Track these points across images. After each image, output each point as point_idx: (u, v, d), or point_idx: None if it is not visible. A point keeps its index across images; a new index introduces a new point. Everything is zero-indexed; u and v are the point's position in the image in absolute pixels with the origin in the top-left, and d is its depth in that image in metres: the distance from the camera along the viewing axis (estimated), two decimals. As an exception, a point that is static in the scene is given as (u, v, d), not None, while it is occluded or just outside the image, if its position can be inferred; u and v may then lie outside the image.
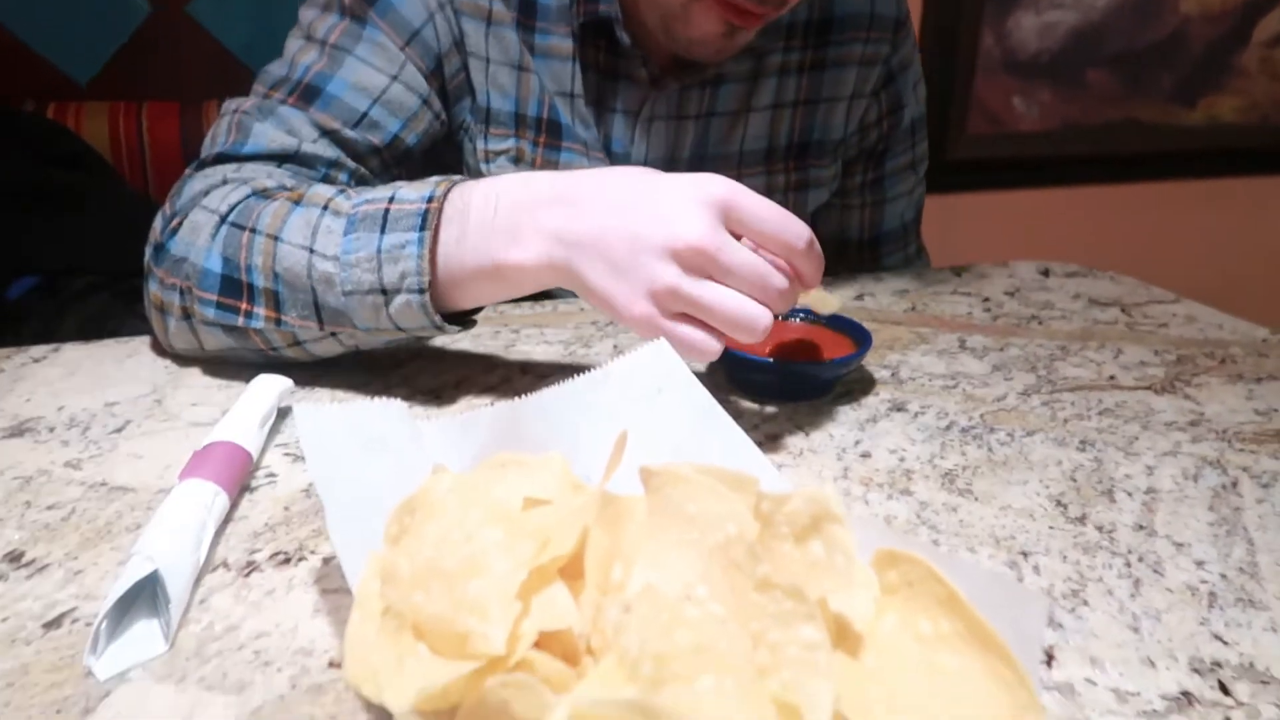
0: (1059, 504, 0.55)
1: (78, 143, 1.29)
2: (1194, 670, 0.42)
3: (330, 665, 0.40)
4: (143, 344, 0.74)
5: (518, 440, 0.47)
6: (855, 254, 1.02)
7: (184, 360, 0.71)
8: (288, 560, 0.48)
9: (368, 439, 0.43)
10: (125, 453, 0.58)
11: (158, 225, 0.69)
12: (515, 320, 0.81)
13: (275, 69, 0.76)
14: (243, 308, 0.64)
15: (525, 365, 0.72)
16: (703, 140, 0.88)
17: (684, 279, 0.54)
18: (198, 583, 0.45)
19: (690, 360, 0.52)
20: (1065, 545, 0.51)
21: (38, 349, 0.73)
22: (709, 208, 0.54)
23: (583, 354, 0.75)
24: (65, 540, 0.49)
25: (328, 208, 0.63)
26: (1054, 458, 0.61)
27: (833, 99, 0.91)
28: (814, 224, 1.01)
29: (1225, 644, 0.44)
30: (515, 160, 0.84)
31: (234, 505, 0.52)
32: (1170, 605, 0.46)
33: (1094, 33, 1.96)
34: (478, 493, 0.37)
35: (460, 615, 0.32)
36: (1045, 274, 1.00)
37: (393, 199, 0.61)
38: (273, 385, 0.62)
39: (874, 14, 0.91)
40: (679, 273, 0.54)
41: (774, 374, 0.66)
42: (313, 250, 0.61)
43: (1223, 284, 2.01)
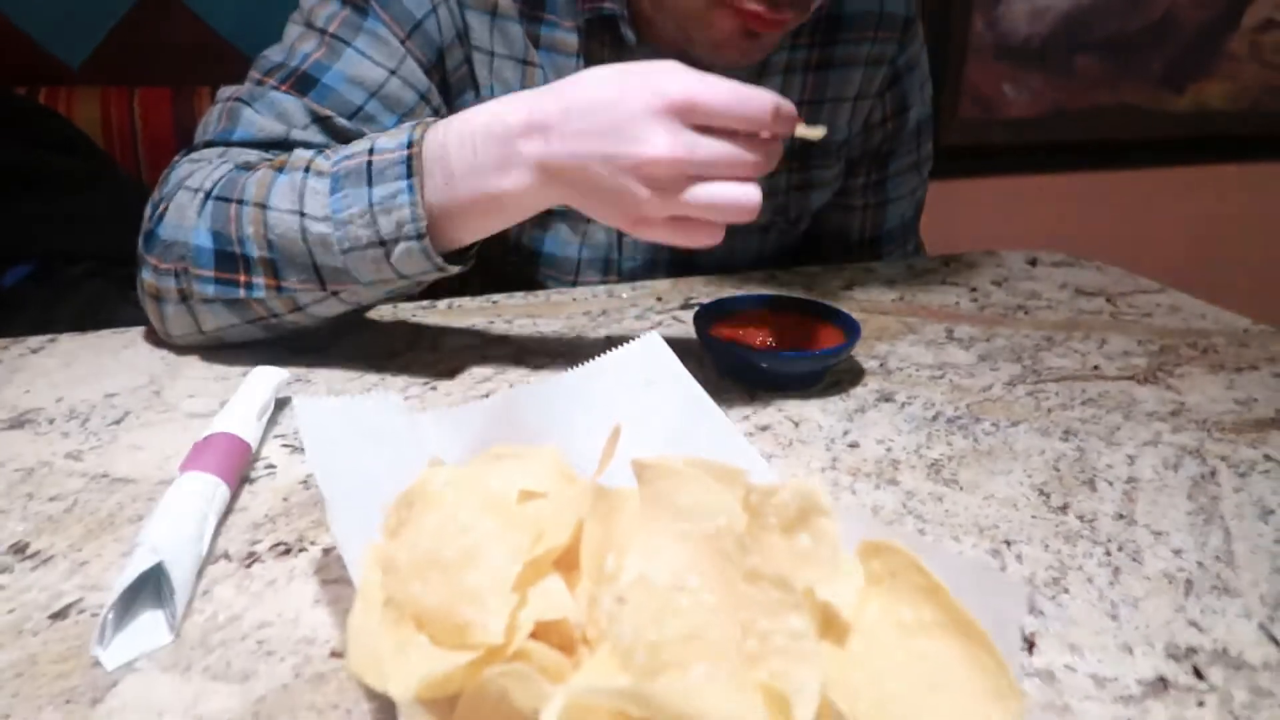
0: (1042, 493, 0.57)
1: (69, 128, 1.29)
2: (1170, 656, 0.43)
3: (332, 655, 0.41)
4: (139, 334, 0.74)
5: (512, 432, 0.48)
6: (855, 253, 1.03)
7: (181, 351, 0.71)
8: (288, 551, 0.49)
9: (366, 431, 0.44)
10: (125, 444, 0.58)
11: (147, 213, 0.69)
12: (509, 310, 0.82)
13: (273, 55, 0.76)
14: (241, 279, 0.65)
15: (519, 356, 0.73)
16: None
17: (666, 193, 0.57)
18: (201, 574, 0.46)
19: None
20: (1047, 534, 0.52)
21: (35, 340, 0.73)
22: (669, 115, 0.55)
23: (575, 343, 0.76)
24: (69, 532, 0.49)
25: (309, 169, 0.64)
26: (1037, 447, 0.62)
27: (838, 99, 0.92)
28: (816, 224, 1.02)
29: (1200, 630, 0.45)
30: None
31: (234, 497, 0.53)
32: (1148, 593, 0.48)
33: (1084, 18, 1.97)
34: (474, 485, 0.39)
35: (459, 606, 0.33)
36: (1032, 263, 1.01)
37: (372, 150, 0.62)
38: (270, 377, 0.63)
39: (883, 13, 0.91)
40: (661, 188, 0.57)
41: (763, 364, 0.67)
42: (303, 214, 0.63)
43: (1211, 271, 2.03)
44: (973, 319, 0.85)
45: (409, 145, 0.61)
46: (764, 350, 0.68)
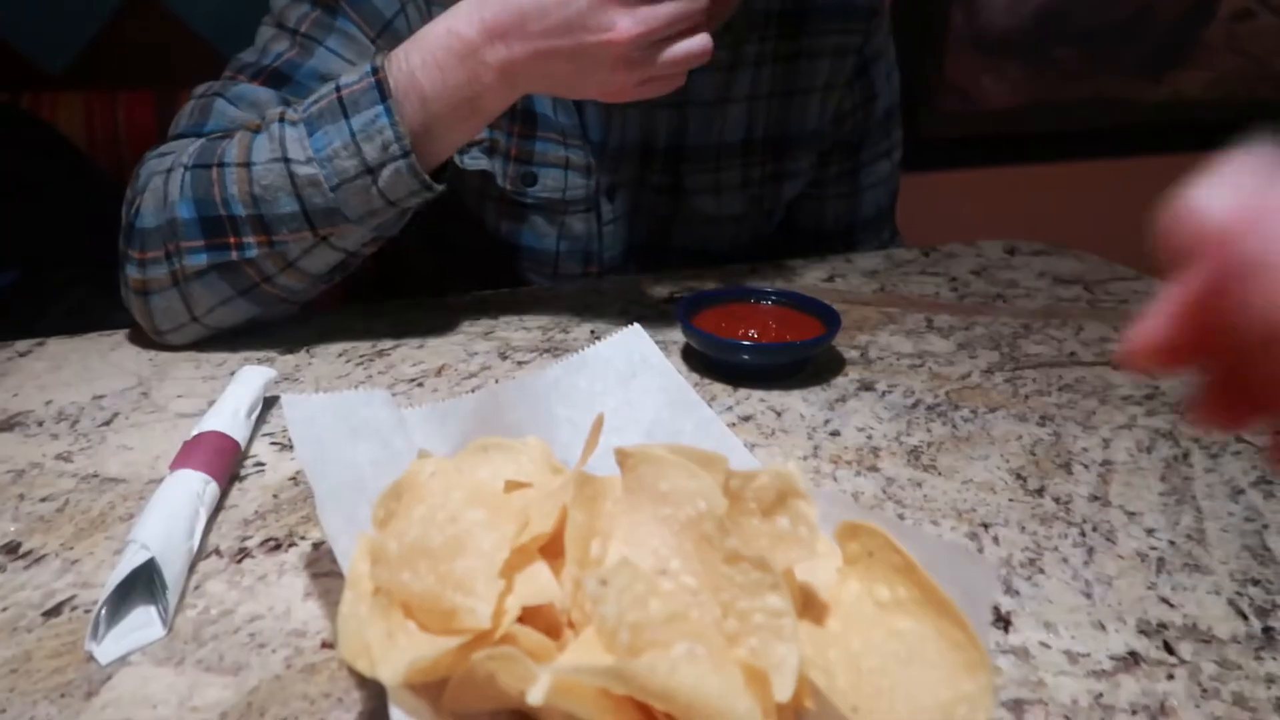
0: (1019, 477, 0.58)
1: (52, 133, 1.29)
2: (1141, 632, 0.45)
3: (323, 646, 0.42)
4: (127, 336, 0.75)
5: (498, 425, 0.48)
6: (830, 242, 1.04)
7: (168, 351, 0.72)
8: (278, 546, 0.49)
9: (354, 426, 0.45)
10: (115, 444, 0.59)
11: (124, 212, 0.70)
12: (494, 307, 0.83)
13: (245, 56, 0.77)
14: (231, 241, 0.66)
15: (504, 351, 0.74)
16: (680, 129, 0.89)
17: (634, 65, 0.63)
18: (192, 569, 0.47)
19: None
20: (1024, 516, 0.54)
21: (23, 343, 0.74)
22: None
23: (560, 339, 0.76)
24: (60, 531, 0.50)
25: (283, 120, 0.66)
26: (1015, 433, 0.63)
27: (808, 90, 0.93)
28: (790, 214, 1.03)
29: (1171, 606, 0.46)
30: (489, 151, 0.85)
31: (224, 494, 0.53)
32: (1121, 571, 0.49)
33: (1062, 9, 1.98)
34: (461, 476, 0.39)
35: (447, 592, 0.34)
36: (1011, 253, 1.02)
37: (338, 88, 0.65)
38: (258, 376, 0.63)
39: (848, 4, 0.92)
40: (626, 70, 0.63)
41: (745, 356, 0.68)
42: (288, 160, 0.64)
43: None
44: (952, 308, 0.86)
45: (374, 72, 0.64)
46: (746, 342, 0.69)
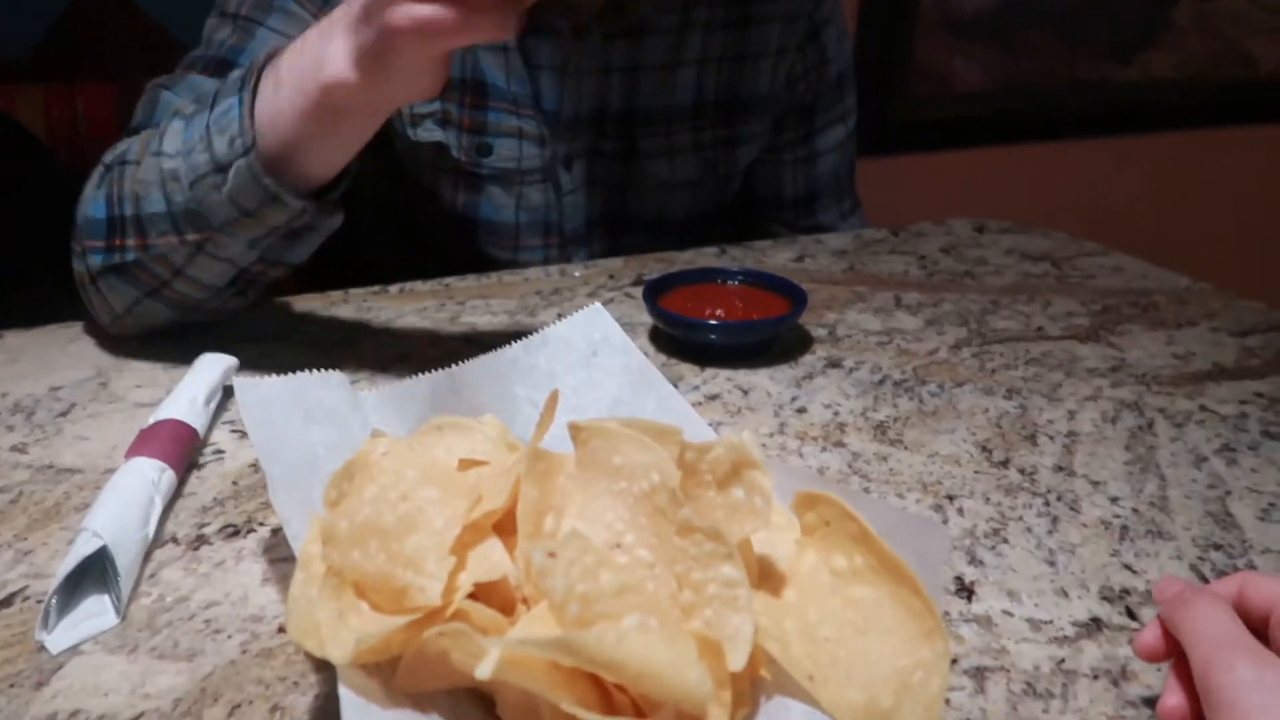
0: (984, 450, 0.58)
1: (13, 126, 1.27)
2: (1104, 598, 0.45)
3: (280, 631, 0.42)
4: (85, 328, 0.74)
5: (457, 406, 0.48)
6: (791, 211, 1.04)
7: (128, 343, 0.71)
8: (236, 533, 0.49)
9: (309, 409, 0.44)
10: (71, 435, 0.58)
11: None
12: (460, 293, 0.82)
13: (195, 51, 0.76)
14: (117, 243, 0.63)
15: (471, 337, 0.73)
16: (631, 94, 0.89)
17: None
18: (148, 558, 0.46)
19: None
20: (989, 488, 0.54)
21: (-22, 337, 0.73)
22: None
23: (528, 323, 0.76)
24: (14, 522, 0.49)
25: (178, 112, 0.62)
26: (981, 406, 0.63)
27: (758, 54, 0.93)
28: (747, 181, 1.03)
29: (1134, 573, 0.47)
30: (442, 123, 0.85)
31: (182, 482, 0.53)
32: (1085, 539, 0.49)
33: (1032, -9, 1.99)
34: (414, 455, 0.39)
35: (398, 570, 0.34)
36: (980, 231, 1.03)
37: (225, 81, 0.60)
38: (218, 364, 0.62)
39: None
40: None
41: (711, 336, 0.68)
42: (160, 153, 0.61)
43: (1160, 235, 2.06)
44: (921, 286, 0.86)
45: (250, 65, 0.59)
46: (712, 322, 0.69)
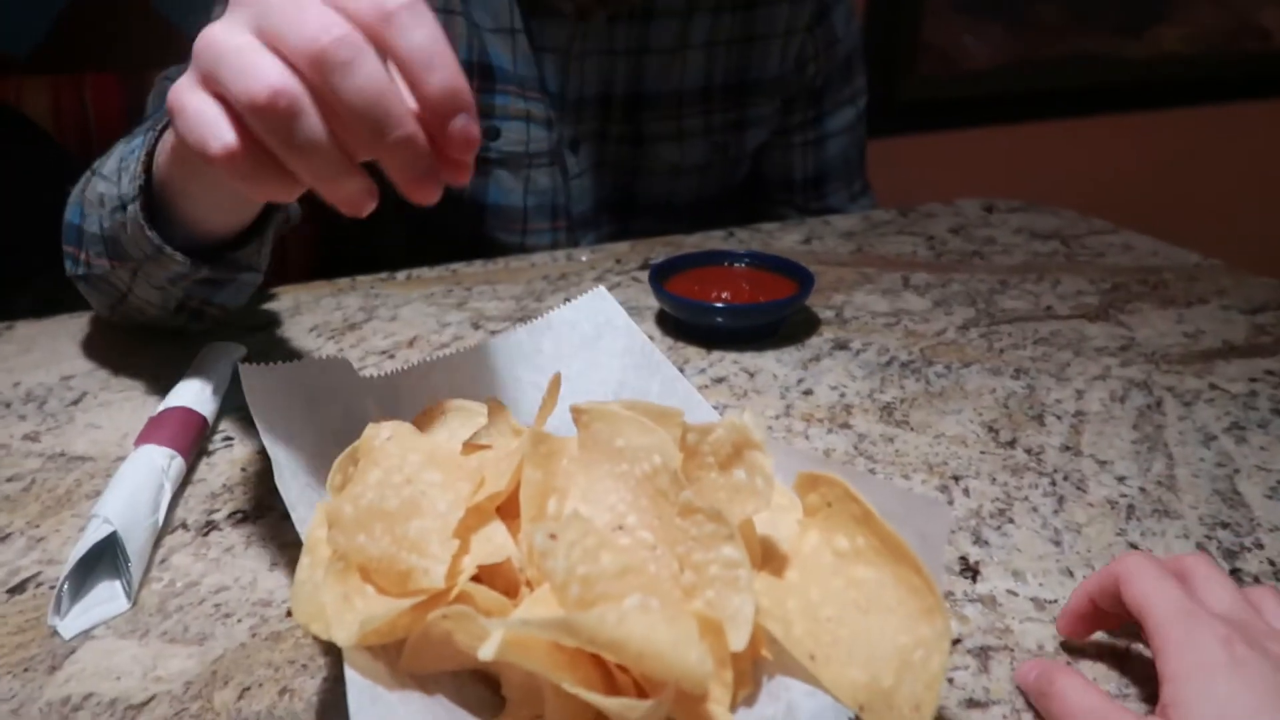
0: (991, 430, 0.58)
1: (20, 119, 1.27)
2: (1109, 576, 0.45)
3: (288, 615, 0.42)
4: (95, 318, 0.74)
5: (461, 390, 0.48)
6: (800, 194, 1.04)
7: (137, 332, 0.71)
8: (246, 518, 0.49)
9: (314, 395, 0.45)
10: (83, 424, 0.58)
11: None
12: (467, 279, 0.82)
13: None
14: (76, 253, 0.62)
15: (477, 322, 0.73)
16: (638, 77, 0.88)
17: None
18: (158, 544, 0.47)
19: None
20: (995, 468, 0.53)
21: (-10, 327, 0.73)
22: None
23: (534, 308, 0.76)
24: (26, 510, 0.50)
25: (133, 132, 0.59)
26: (989, 386, 0.63)
27: (767, 35, 0.92)
28: (756, 164, 1.02)
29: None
30: None
31: (191, 468, 0.53)
32: (1091, 519, 0.49)
33: (1042, -32, 1.97)
34: (418, 439, 0.39)
35: (402, 554, 0.34)
36: (989, 210, 1.02)
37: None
38: (226, 351, 0.63)
39: None
40: None
41: (718, 319, 0.68)
42: (99, 173, 0.58)
43: (1172, 212, 2.04)
44: (929, 266, 0.85)
45: None
46: (718, 304, 0.68)
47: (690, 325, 0.70)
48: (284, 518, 0.49)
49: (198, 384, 0.58)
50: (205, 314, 0.65)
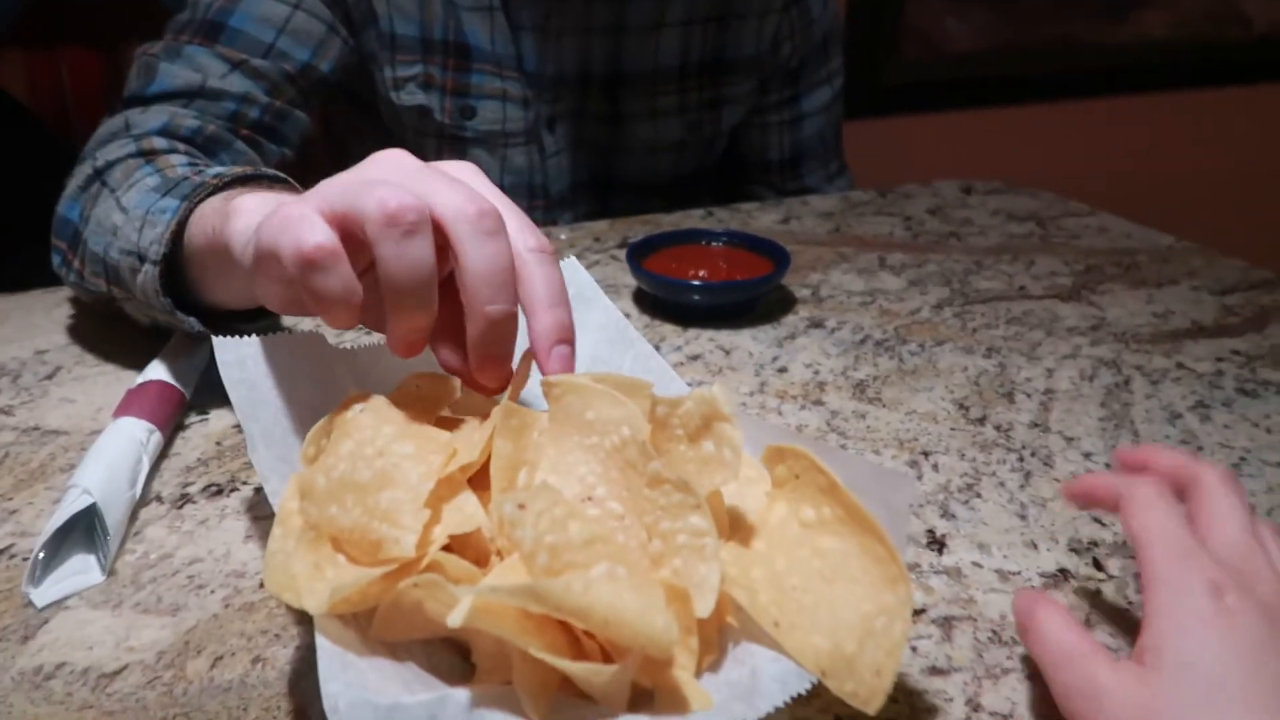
0: (961, 407, 0.58)
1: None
2: (1072, 550, 0.45)
3: (261, 586, 0.42)
4: (71, 294, 0.74)
5: (433, 362, 0.48)
6: (777, 174, 1.04)
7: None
8: (220, 491, 0.49)
9: (288, 367, 0.45)
10: (57, 398, 0.58)
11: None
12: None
13: (182, 15, 0.76)
14: (70, 258, 0.62)
15: (455, 298, 0.73)
16: (615, 55, 0.89)
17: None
18: (134, 516, 0.47)
19: None
20: (964, 444, 0.54)
21: (-36, 302, 0.73)
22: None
23: (513, 286, 0.76)
24: (0, 482, 0.50)
25: (161, 167, 0.60)
26: (960, 365, 0.64)
27: (743, 15, 0.92)
28: (733, 143, 1.03)
29: (1103, 525, 0.47)
30: (425, 86, 0.85)
31: (168, 442, 0.53)
32: (1056, 494, 0.50)
33: (1026, -50, 1.97)
34: (392, 411, 0.39)
35: (373, 524, 0.34)
36: (967, 192, 1.03)
37: (205, 170, 0.56)
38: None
39: None
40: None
41: (694, 295, 0.68)
42: (119, 202, 0.58)
43: (1152, 196, 2.06)
44: (905, 247, 0.86)
45: (219, 175, 0.53)
46: (695, 282, 0.69)
47: (667, 303, 0.70)
48: (258, 491, 0.49)
49: (176, 359, 0.58)
50: (200, 336, 0.63)
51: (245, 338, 0.44)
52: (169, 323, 0.57)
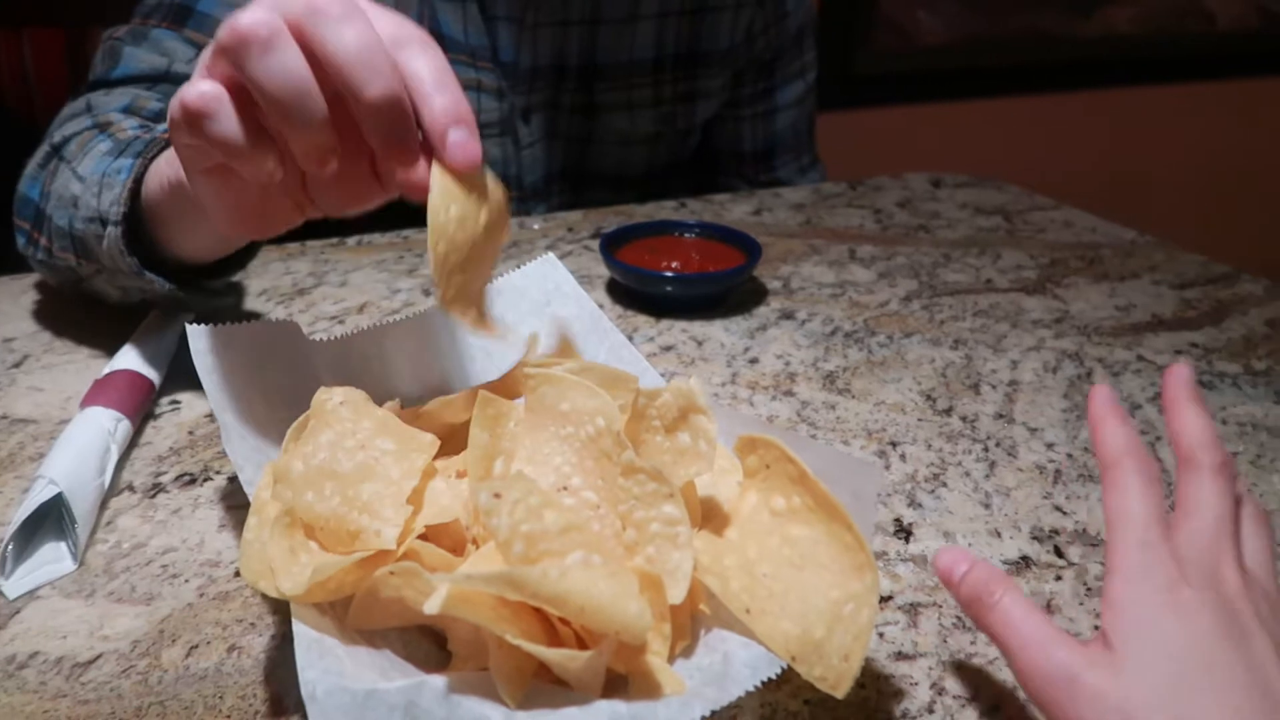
0: (929, 398, 0.59)
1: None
2: (1034, 538, 0.47)
3: (236, 575, 0.43)
4: (37, 279, 0.73)
5: (411, 354, 0.49)
6: (750, 166, 1.05)
7: (83, 297, 0.70)
8: (193, 481, 0.49)
9: (262, 356, 0.45)
10: (25, 386, 0.58)
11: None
12: (419, 245, 0.82)
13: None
14: (35, 236, 0.62)
15: (428, 288, 0.73)
16: (590, 47, 0.89)
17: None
18: (104, 506, 0.47)
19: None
20: (931, 434, 0.55)
21: (-73, 288, 0.72)
22: None
23: (486, 275, 0.76)
24: (-33, 472, 0.49)
25: (112, 131, 0.59)
26: (928, 356, 0.65)
27: (717, 8, 0.92)
28: (707, 136, 1.03)
29: (1064, 514, 0.49)
30: None
31: (138, 432, 0.53)
32: (1020, 483, 0.51)
33: (996, -56, 1.99)
34: (370, 407, 0.40)
35: (352, 514, 0.35)
36: (936, 185, 1.04)
37: (155, 128, 0.57)
38: (173, 315, 0.62)
39: None
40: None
41: (667, 287, 0.69)
42: (75, 171, 0.58)
43: (1118, 190, 2.09)
44: (875, 239, 0.87)
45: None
46: (668, 273, 0.69)
47: (640, 294, 0.71)
48: (231, 480, 0.49)
49: (145, 347, 0.58)
50: (169, 305, 0.64)
51: (218, 325, 0.44)
52: (138, 288, 0.57)
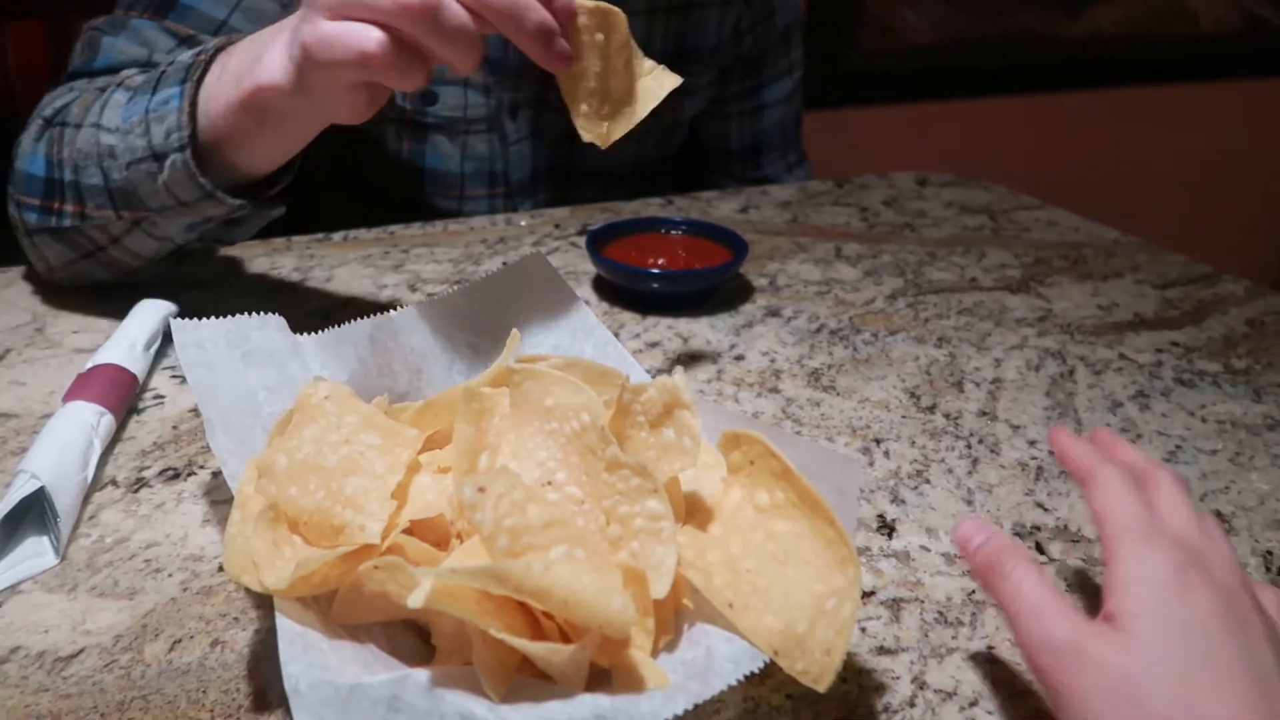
0: (913, 395, 0.60)
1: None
2: (1016, 534, 0.47)
3: (220, 569, 0.42)
4: (21, 273, 0.73)
5: (396, 350, 0.48)
6: (737, 163, 1.05)
7: (65, 289, 0.70)
8: (177, 475, 0.49)
9: (247, 351, 0.45)
10: (7, 380, 0.58)
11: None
12: (405, 241, 0.82)
13: None
14: (55, 206, 0.62)
15: (414, 284, 0.73)
16: None
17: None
18: (87, 500, 0.46)
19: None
20: (915, 432, 0.56)
21: (-93, 281, 0.71)
22: None
23: (472, 271, 0.76)
24: (-52, 466, 0.49)
25: (123, 83, 0.61)
26: (913, 354, 0.65)
27: (705, 5, 0.93)
28: (695, 133, 1.03)
29: (1046, 510, 0.49)
30: None
31: (121, 426, 0.53)
32: (1002, 480, 0.51)
33: (983, -56, 2.00)
34: (355, 401, 0.40)
35: (336, 508, 0.35)
36: (922, 184, 1.04)
37: (173, 62, 0.58)
38: (157, 309, 0.62)
39: None
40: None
41: (653, 284, 0.69)
42: (99, 126, 0.59)
43: (1103, 190, 2.10)
44: (861, 237, 0.87)
45: (202, 53, 0.56)
46: (654, 270, 0.70)
47: (626, 290, 0.71)
48: (215, 475, 0.49)
49: (128, 341, 0.57)
50: (197, 255, 0.67)
51: (203, 320, 0.44)
52: (187, 223, 0.59)
